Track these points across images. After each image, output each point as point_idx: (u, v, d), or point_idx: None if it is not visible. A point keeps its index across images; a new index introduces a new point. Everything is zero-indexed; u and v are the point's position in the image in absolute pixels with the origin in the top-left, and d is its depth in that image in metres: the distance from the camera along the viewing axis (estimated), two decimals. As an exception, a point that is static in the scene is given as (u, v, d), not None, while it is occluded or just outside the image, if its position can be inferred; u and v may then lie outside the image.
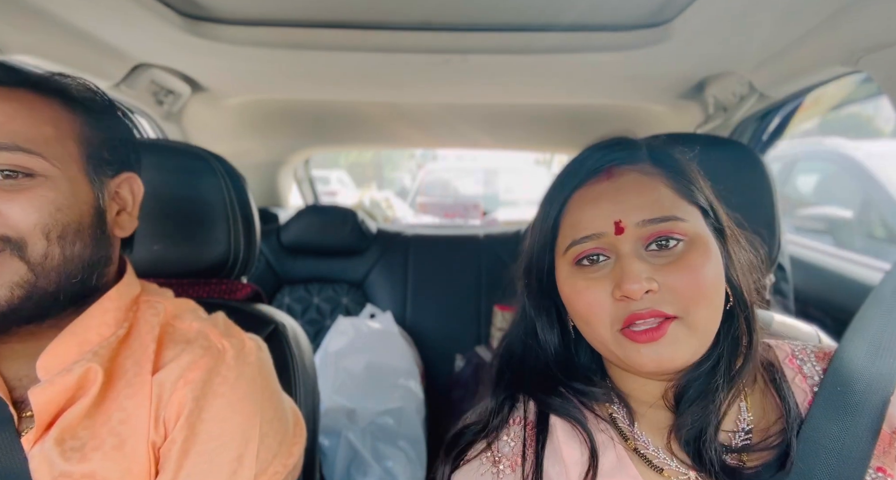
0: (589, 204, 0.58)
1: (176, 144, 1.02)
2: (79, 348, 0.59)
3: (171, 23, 1.07)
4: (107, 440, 0.58)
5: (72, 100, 0.62)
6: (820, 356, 0.62)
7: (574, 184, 0.60)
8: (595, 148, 0.62)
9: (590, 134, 1.92)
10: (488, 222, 3.23)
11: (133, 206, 0.68)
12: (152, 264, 0.90)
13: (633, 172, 0.59)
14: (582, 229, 0.57)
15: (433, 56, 1.25)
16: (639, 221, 0.55)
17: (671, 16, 1.06)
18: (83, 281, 0.60)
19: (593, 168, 0.60)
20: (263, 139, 2.14)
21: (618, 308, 0.54)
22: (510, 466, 0.60)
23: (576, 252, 0.57)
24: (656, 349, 0.53)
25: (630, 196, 0.56)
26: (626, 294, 0.53)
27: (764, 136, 1.51)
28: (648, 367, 0.54)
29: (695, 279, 0.54)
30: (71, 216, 0.57)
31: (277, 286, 2.03)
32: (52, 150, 0.57)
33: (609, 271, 0.56)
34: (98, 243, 0.61)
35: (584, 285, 0.56)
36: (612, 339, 0.55)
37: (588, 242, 0.56)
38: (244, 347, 0.68)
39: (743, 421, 0.58)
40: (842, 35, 0.92)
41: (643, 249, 0.55)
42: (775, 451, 0.55)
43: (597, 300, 0.55)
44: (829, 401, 0.56)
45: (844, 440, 0.53)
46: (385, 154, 12.85)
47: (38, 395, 0.56)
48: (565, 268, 0.59)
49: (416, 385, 1.71)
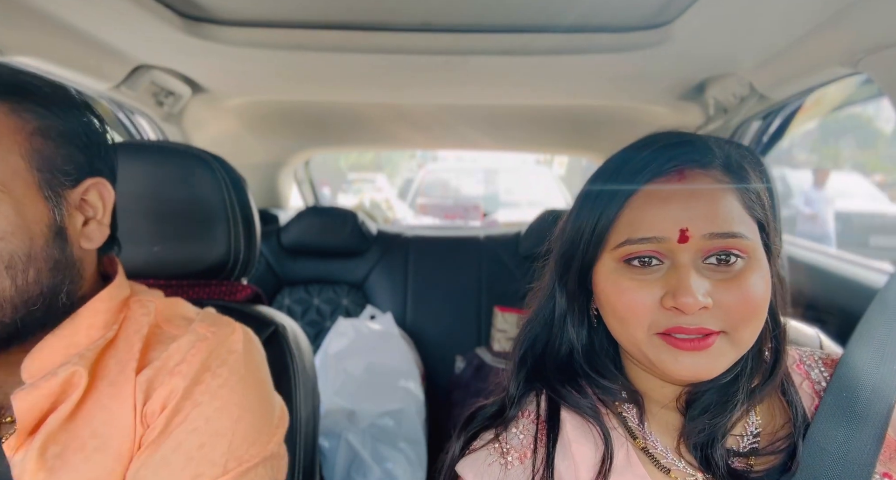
0: (656, 204, 0.54)
1: (176, 145, 1.02)
2: (65, 350, 0.57)
3: (171, 24, 1.07)
4: (88, 442, 0.56)
5: (20, 105, 0.54)
6: (827, 362, 0.62)
7: (641, 180, 0.56)
8: (665, 145, 0.58)
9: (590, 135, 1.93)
10: (489, 224, 3.23)
11: (104, 213, 0.62)
12: (152, 266, 0.90)
13: (706, 178, 0.55)
14: (643, 229, 0.54)
15: (433, 57, 1.25)
16: (706, 233, 0.52)
17: (671, 17, 1.06)
18: (48, 306, 0.56)
19: (664, 167, 0.55)
20: (263, 140, 2.14)
21: (663, 316, 0.53)
22: (518, 458, 0.60)
23: (629, 251, 0.54)
24: (696, 360, 0.52)
25: (701, 204, 0.53)
26: (680, 307, 0.51)
27: (764, 137, 1.51)
28: (683, 375, 0.53)
29: (748, 299, 0.52)
30: (18, 243, 0.52)
31: (277, 288, 2.03)
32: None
33: (660, 277, 0.53)
34: (57, 265, 0.56)
35: (629, 285, 0.54)
36: (646, 341, 0.54)
37: (647, 243, 0.53)
38: (231, 335, 0.66)
39: (751, 425, 0.58)
40: (842, 36, 0.92)
41: (701, 260, 0.53)
42: (782, 455, 0.55)
43: (642, 302, 0.53)
44: (834, 407, 0.55)
45: (850, 445, 0.53)
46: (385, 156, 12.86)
47: (20, 399, 0.53)
48: (610, 263, 0.56)
49: (416, 387, 1.71)
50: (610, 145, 1.67)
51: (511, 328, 1.93)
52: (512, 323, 1.94)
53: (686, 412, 0.58)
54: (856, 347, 0.59)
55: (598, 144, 2.23)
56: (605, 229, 0.57)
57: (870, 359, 0.57)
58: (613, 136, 2.00)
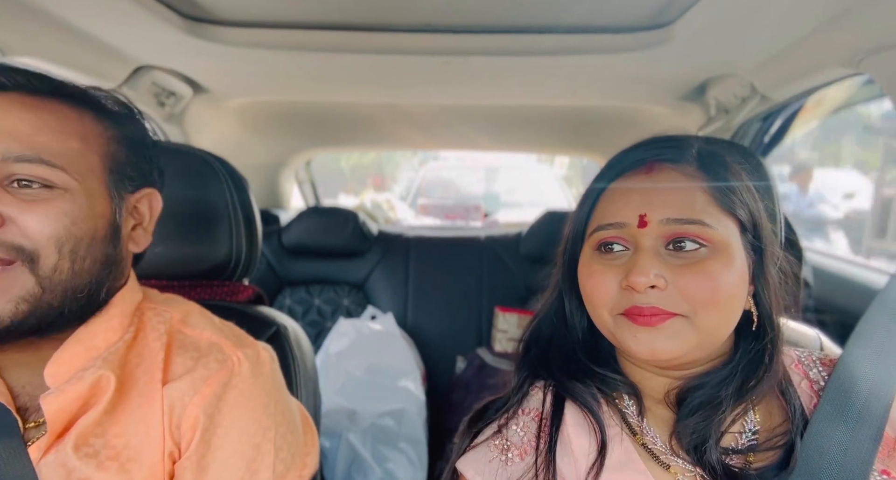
0: (621, 194, 0.59)
1: (178, 146, 1.03)
2: (86, 354, 0.59)
3: (172, 25, 1.07)
4: (123, 452, 0.57)
5: (104, 114, 0.62)
6: (826, 362, 0.62)
7: (614, 174, 0.62)
8: (645, 142, 0.63)
9: (591, 136, 1.93)
10: (489, 224, 3.23)
11: (150, 221, 0.67)
12: (154, 266, 0.90)
13: (673, 172, 0.59)
14: (608, 216, 0.59)
15: (434, 58, 1.25)
16: (664, 218, 0.56)
17: (672, 18, 1.06)
18: (90, 296, 0.59)
19: (636, 160, 0.61)
20: (265, 141, 2.14)
21: (621, 297, 0.56)
22: (519, 454, 0.60)
23: (598, 237, 0.59)
24: (652, 337, 0.54)
25: (662, 193, 0.57)
26: (631, 285, 0.54)
27: (766, 138, 1.51)
28: (641, 353, 0.55)
29: (709, 285, 0.54)
30: (85, 230, 0.57)
31: (278, 288, 2.03)
32: (75, 164, 0.57)
33: (624, 262, 0.57)
34: (109, 259, 0.60)
35: (597, 268, 0.58)
36: (611, 321, 0.58)
37: (611, 229, 0.58)
38: (259, 358, 0.67)
39: (750, 423, 0.58)
40: (843, 36, 0.92)
41: (663, 246, 0.56)
42: (780, 452, 0.56)
43: (604, 284, 0.57)
44: (832, 406, 0.56)
45: (848, 444, 0.54)
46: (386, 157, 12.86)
47: (49, 403, 0.55)
48: (587, 251, 0.61)
49: (417, 387, 1.71)
50: (611, 146, 1.67)
51: (512, 328, 1.93)
52: (513, 323, 1.94)
53: (677, 412, 0.59)
54: (855, 346, 0.59)
55: (598, 144, 2.23)
56: (583, 221, 0.63)
57: (868, 359, 0.57)
58: (614, 136, 2.00)
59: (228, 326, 0.71)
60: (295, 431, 0.67)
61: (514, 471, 0.59)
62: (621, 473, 0.56)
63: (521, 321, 1.93)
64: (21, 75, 0.58)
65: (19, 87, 0.57)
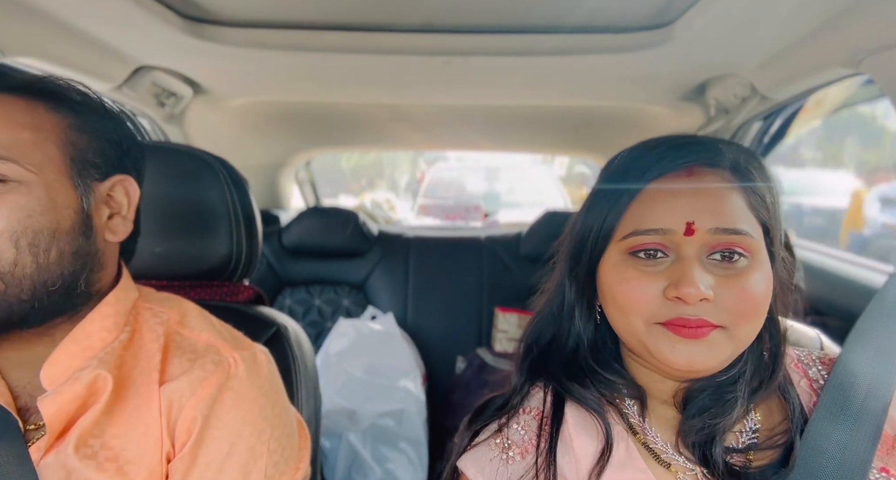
0: (664, 198, 0.56)
1: (178, 146, 1.03)
2: (82, 354, 0.59)
3: (172, 25, 1.07)
4: (121, 453, 0.57)
5: (58, 103, 0.60)
6: (825, 361, 0.63)
7: (651, 176, 0.57)
8: (676, 144, 0.60)
9: (591, 136, 1.93)
10: (490, 224, 3.23)
11: (128, 209, 0.65)
12: (154, 267, 0.90)
13: (713, 176, 0.56)
14: (650, 220, 0.55)
15: (434, 58, 1.25)
16: (712, 227, 0.53)
17: (672, 18, 1.06)
18: (66, 288, 0.58)
19: (675, 164, 0.57)
20: (265, 141, 2.14)
21: (664, 307, 0.54)
22: (520, 453, 0.60)
23: (635, 242, 0.56)
24: (692, 350, 0.53)
25: (708, 200, 0.55)
26: (682, 297, 0.52)
27: (766, 138, 1.51)
28: (678, 365, 0.53)
29: (749, 297, 0.53)
30: (44, 222, 0.55)
31: (279, 288, 2.03)
32: (28, 155, 0.55)
33: (665, 269, 0.54)
34: (80, 250, 0.59)
35: (633, 275, 0.55)
36: (645, 330, 0.55)
37: (653, 235, 0.55)
38: (255, 360, 0.66)
39: (750, 421, 0.59)
40: (844, 37, 0.92)
41: (705, 256, 0.54)
42: (780, 450, 0.56)
43: (643, 292, 0.54)
44: (831, 405, 0.56)
45: (847, 443, 0.54)
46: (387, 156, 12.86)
47: (47, 405, 0.55)
48: (616, 255, 0.58)
49: (417, 387, 1.71)
50: (611, 146, 1.66)
51: (512, 328, 1.93)
52: (513, 324, 1.94)
53: (683, 411, 0.59)
54: (853, 345, 0.59)
55: (599, 144, 2.23)
56: (613, 222, 0.58)
57: (867, 357, 0.58)
58: (614, 136, 2.00)
59: (226, 328, 0.71)
60: (290, 435, 0.67)
61: (514, 470, 0.59)
62: (622, 472, 0.56)
63: (521, 322, 1.93)
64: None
65: None
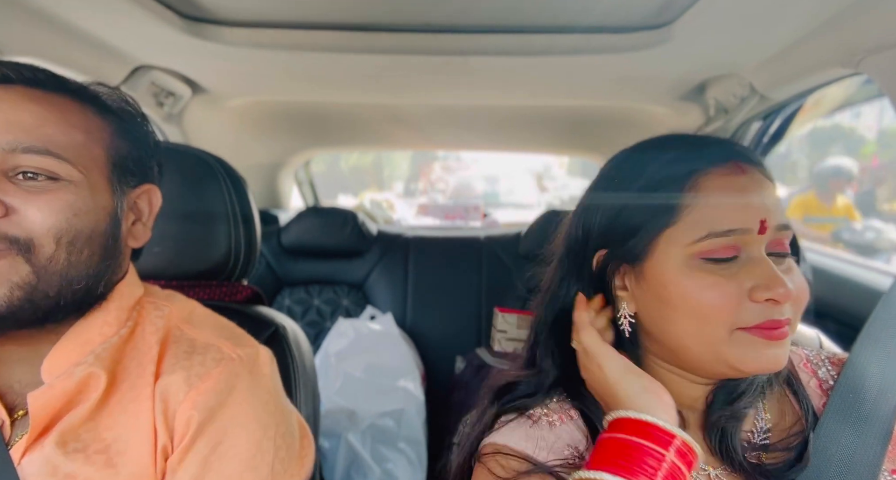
0: (734, 195, 0.53)
1: (177, 146, 1.02)
2: (81, 348, 0.59)
3: (171, 24, 1.07)
4: (112, 445, 0.57)
5: (105, 109, 0.63)
6: (834, 361, 0.63)
7: (698, 167, 0.54)
8: (711, 140, 0.58)
9: (590, 136, 1.93)
10: (489, 224, 3.23)
11: (149, 217, 0.68)
12: (153, 266, 0.90)
13: (758, 172, 0.55)
14: (726, 221, 0.51)
15: (434, 58, 1.25)
16: (777, 224, 0.53)
17: (672, 18, 1.06)
18: (87, 289, 0.59)
19: (725, 157, 0.54)
20: (264, 141, 2.14)
21: (754, 310, 0.51)
22: (559, 419, 0.59)
23: (714, 245, 0.52)
24: (777, 351, 0.52)
25: (769, 196, 0.53)
26: (778, 298, 0.50)
27: (765, 138, 1.51)
28: (767, 367, 0.52)
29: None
30: (86, 223, 0.57)
31: (278, 288, 2.03)
32: (79, 156, 0.57)
33: (739, 270, 0.52)
34: (107, 252, 0.61)
35: (714, 280, 0.51)
36: (727, 339, 0.52)
37: (732, 236, 0.51)
38: (258, 357, 0.67)
39: (761, 421, 0.59)
40: (842, 37, 0.92)
41: (765, 253, 0.53)
42: (793, 451, 0.56)
43: (730, 298, 0.51)
44: (841, 408, 0.56)
45: (857, 445, 0.54)
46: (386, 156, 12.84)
47: (36, 399, 0.55)
48: (681, 259, 0.53)
49: (416, 387, 1.71)
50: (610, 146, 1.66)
51: (511, 328, 1.93)
52: (512, 324, 1.93)
53: (707, 409, 0.58)
54: (862, 348, 0.59)
55: (598, 144, 2.23)
56: (665, 217, 0.54)
57: (876, 360, 0.58)
58: (614, 136, 2.00)
59: (230, 326, 0.71)
60: (293, 433, 0.67)
61: (561, 432, 0.57)
62: None
63: (520, 322, 1.93)
64: (26, 69, 0.59)
65: (25, 80, 0.58)
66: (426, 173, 8.73)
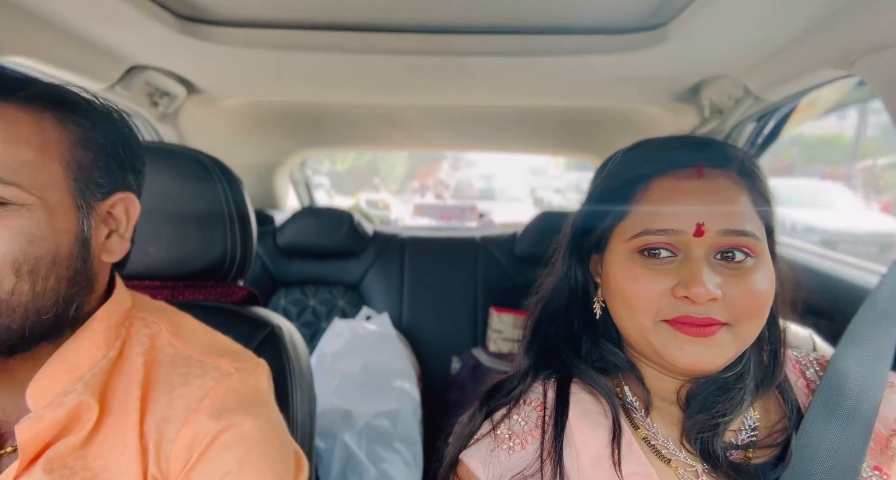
0: (674, 198, 0.57)
1: (171, 146, 1.02)
2: (68, 375, 0.55)
3: (166, 24, 1.07)
4: (100, 474, 0.54)
5: (66, 115, 0.56)
6: (822, 362, 0.64)
7: (659, 171, 0.58)
8: (686, 143, 0.61)
9: (586, 136, 1.93)
10: (485, 224, 3.23)
11: (126, 227, 0.62)
12: (147, 267, 0.89)
13: (723, 178, 0.57)
14: (661, 221, 0.56)
15: (430, 58, 1.25)
16: (721, 229, 0.55)
17: (666, 19, 1.06)
18: (57, 316, 0.55)
19: (685, 162, 0.58)
20: (259, 141, 2.14)
21: (672, 305, 0.55)
22: (520, 443, 0.60)
23: (645, 242, 0.57)
24: (699, 350, 0.54)
25: (718, 202, 0.56)
26: (692, 297, 0.53)
27: (759, 138, 1.52)
28: (686, 364, 0.55)
29: (754, 295, 0.54)
30: (45, 248, 0.52)
31: (273, 288, 2.03)
32: (31, 176, 0.51)
33: (673, 268, 0.56)
34: (77, 275, 0.56)
35: (642, 273, 0.56)
36: (652, 329, 0.56)
37: (663, 235, 0.56)
38: (256, 373, 0.64)
39: (749, 419, 0.60)
40: (836, 38, 0.93)
41: (712, 255, 0.55)
42: (778, 449, 0.57)
43: (651, 290, 0.55)
44: (824, 405, 0.57)
45: (839, 441, 0.55)
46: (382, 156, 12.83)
47: (25, 430, 0.52)
48: (624, 252, 0.58)
49: (412, 387, 1.71)
50: (606, 146, 1.66)
51: (507, 328, 1.94)
52: (508, 324, 1.94)
53: (686, 408, 0.59)
54: (846, 346, 0.60)
55: (594, 145, 2.23)
56: (619, 219, 0.60)
57: (859, 359, 0.59)
58: (610, 137, 2.00)
59: (222, 340, 0.68)
60: (288, 449, 0.64)
61: (516, 460, 0.59)
62: (623, 465, 0.57)
63: (516, 322, 1.93)
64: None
65: None
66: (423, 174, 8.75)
